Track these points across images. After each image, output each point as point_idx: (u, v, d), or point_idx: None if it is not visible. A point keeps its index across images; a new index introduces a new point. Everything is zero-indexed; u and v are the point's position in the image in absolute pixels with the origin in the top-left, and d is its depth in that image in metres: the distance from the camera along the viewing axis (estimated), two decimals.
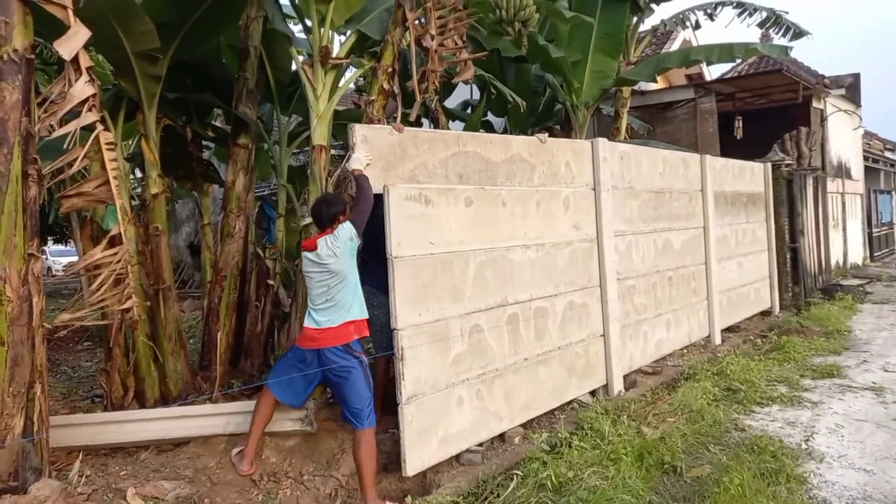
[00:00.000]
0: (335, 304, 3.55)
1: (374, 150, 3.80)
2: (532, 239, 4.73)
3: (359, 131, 3.76)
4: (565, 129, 8.84)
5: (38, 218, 3.61)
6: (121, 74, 5.00)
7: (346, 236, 3.54)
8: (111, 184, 3.81)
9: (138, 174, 8.12)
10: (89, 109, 3.76)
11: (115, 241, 3.91)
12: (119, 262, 3.69)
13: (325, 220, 3.64)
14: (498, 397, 4.28)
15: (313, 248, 3.58)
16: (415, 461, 3.61)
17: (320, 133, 5.23)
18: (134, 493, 3.31)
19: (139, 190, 7.22)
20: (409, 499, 3.39)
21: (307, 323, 3.62)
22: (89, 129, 3.84)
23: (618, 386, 5.42)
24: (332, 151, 5.90)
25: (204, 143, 6.79)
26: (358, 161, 3.73)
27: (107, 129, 3.98)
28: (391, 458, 3.86)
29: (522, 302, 4.59)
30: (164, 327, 4.78)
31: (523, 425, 4.48)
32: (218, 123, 7.44)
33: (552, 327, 4.85)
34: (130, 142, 8.16)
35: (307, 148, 5.94)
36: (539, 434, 4.24)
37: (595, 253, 5.41)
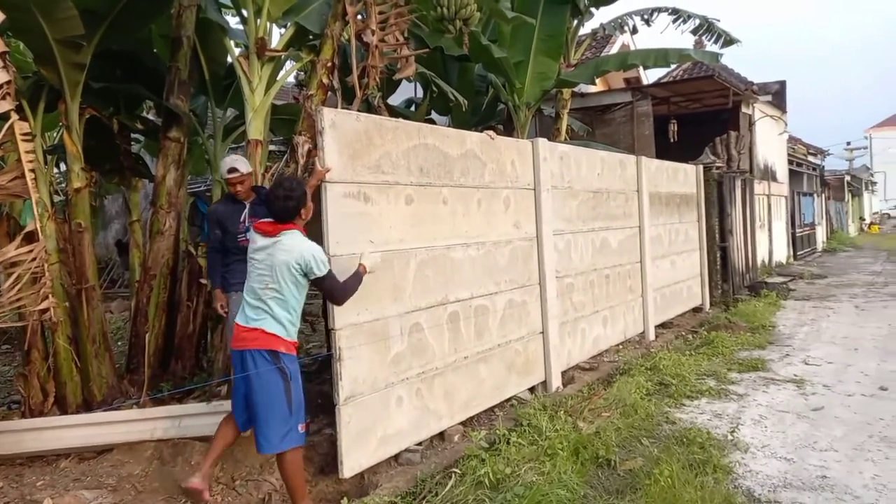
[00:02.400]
0: (269, 308, 3.18)
1: (341, 136, 3.70)
2: (473, 237, 4.74)
3: (327, 116, 3.63)
4: (507, 128, 8.94)
5: None
6: (41, 62, 4.72)
7: (314, 264, 3.15)
8: (27, 177, 3.59)
9: (64, 168, 7.70)
10: (3, 97, 3.52)
11: (31, 238, 3.69)
12: (35, 259, 3.47)
13: (286, 216, 3.22)
14: (438, 396, 4.28)
15: (274, 233, 3.19)
16: (352, 462, 3.56)
17: (256, 127, 5.11)
18: None
19: (63, 185, 6.85)
20: (345, 500, 3.33)
21: (238, 319, 3.27)
22: (4, 118, 3.61)
23: (556, 382, 5.51)
24: (271, 147, 5.76)
25: (134, 136, 6.51)
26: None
27: (24, 118, 3.74)
28: (328, 460, 3.80)
29: (463, 300, 4.60)
30: (87, 329, 4.54)
31: (463, 423, 4.49)
32: (150, 116, 7.13)
33: (492, 325, 4.88)
34: (55, 133, 7.74)
35: (244, 143, 5.78)
36: (478, 431, 4.26)
37: (535, 251, 5.48)
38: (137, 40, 5.68)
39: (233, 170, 4.33)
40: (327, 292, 3.29)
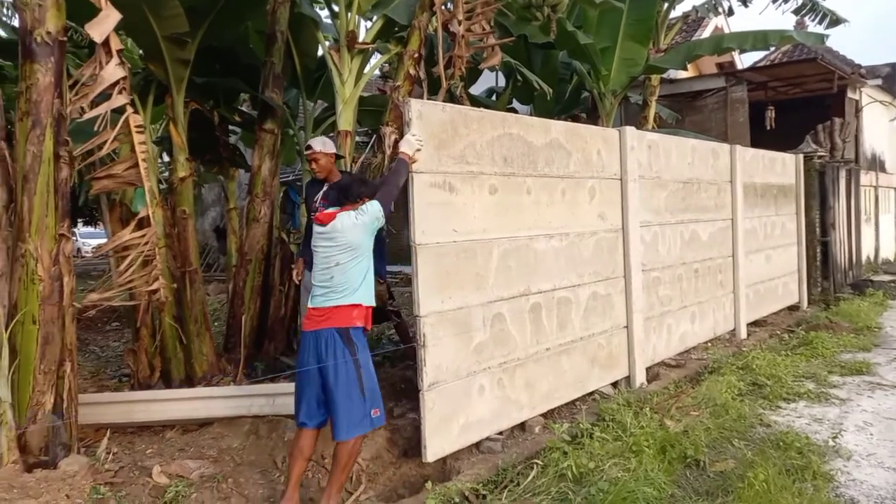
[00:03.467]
0: (342, 282, 3.23)
1: (427, 127, 3.75)
2: (556, 228, 4.68)
3: (414, 106, 3.69)
4: (592, 117, 8.74)
5: (69, 199, 3.68)
6: (150, 58, 5.04)
7: (373, 213, 3.31)
8: (140, 166, 3.86)
9: (166, 158, 8.22)
10: (119, 92, 3.80)
11: (143, 224, 3.97)
12: (147, 244, 3.74)
13: (352, 197, 3.38)
14: (519, 386, 4.27)
15: (327, 222, 3.31)
16: (435, 447, 3.62)
17: (346, 118, 5.25)
18: (160, 471, 3.38)
19: (167, 174, 7.31)
20: (429, 484, 3.40)
21: (310, 303, 3.33)
22: (119, 111, 3.89)
23: (640, 378, 5.36)
24: (357, 138, 5.91)
25: (231, 127, 6.85)
26: (409, 144, 3.54)
27: (136, 112, 4.02)
28: (411, 444, 3.88)
29: (545, 291, 4.55)
30: (189, 309, 4.85)
31: (544, 415, 4.46)
32: (245, 108, 7.48)
33: (575, 317, 4.81)
34: (159, 126, 8.26)
35: (332, 133, 5.95)
36: (560, 424, 4.22)
37: (620, 243, 5.34)
38: (235, 36, 5.97)
39: (308, 147, 4.53)
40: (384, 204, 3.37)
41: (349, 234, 3.25)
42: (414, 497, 3.37)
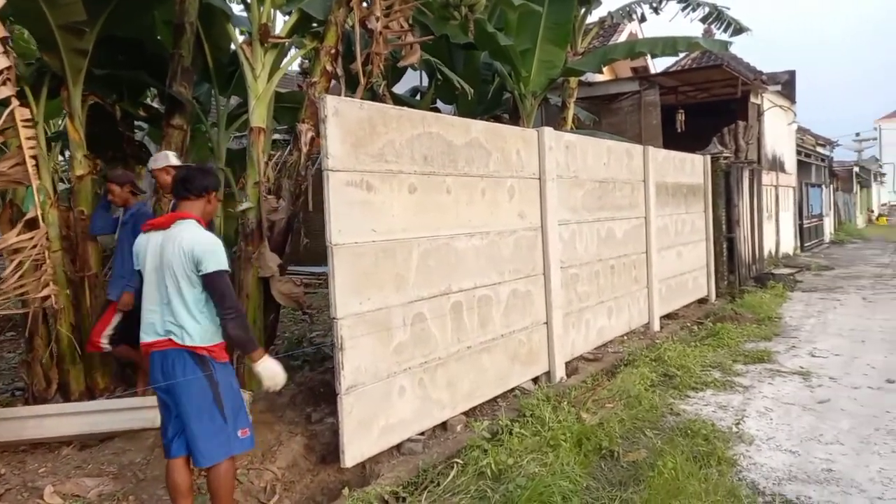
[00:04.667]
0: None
1: (344, 124, 3.65)
2: (477, 227, 4.70)
3: (330, 103, 3.57)
4: (513, 117, 8.87)
5: None
6: (44, 48, 4.70)
7: (211, 255, 2.82)
8: (27, 163, 3.57)
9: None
10: (3, 83, 3.50)
11: (33, 225, 3.67)
12: (36, 247, 3.46)
13: (197, 189, 3.01)
14: (441, 386, 4.26)
15: (165, 227, 2.91)
16: (354, 452, 3.55)
17: (259, 115, 5.07)
18: (52, 492, 3.13)
19: (67, 172, 6.84)
20: (345, 490, 3.33)
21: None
22: (4, 104, 3.58)
23: (560, 373, 5.49)
24: (275, 136, 5.72)
25: (137, 123, 6.48)
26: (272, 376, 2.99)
27: (25, 104, 3.72)
28: (329, 449, 3.79)
29: (466, 290, 4.57)
30: (89, 316, 4.54)
31: (466, 413, 4.47)
32: (154, 104, 7.10)
33: (496, 315, 4.85)
34: (61, 121, 7.71)
35: (247, 130, 5.74)
36: (481, 422, 4.25)
37: (539, 241, 5.44)
38: (141, 27, 5.64)
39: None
40: (217, 293, 2.83)
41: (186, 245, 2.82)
42: None
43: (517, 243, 5.15)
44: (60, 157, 8.73)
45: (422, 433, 4.08)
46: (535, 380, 5.33)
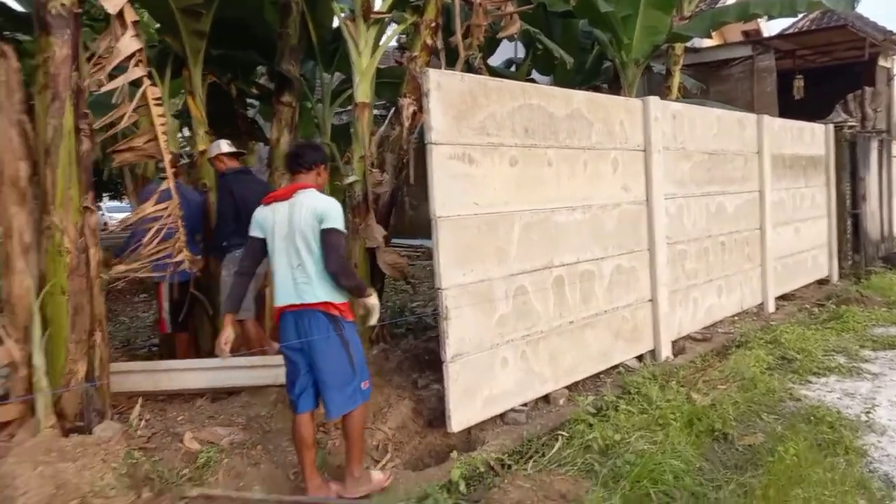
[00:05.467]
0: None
1: (446, 98, 3.66)
2: (579, 200, 4.58)
3: (432, 77, 3.59)
4: (614, 87, 8.53)
5: (92, 172, 3.67)
6: (166, 31, 5.00)
7: (332, 213, 3.02)
8: (159, 139, 3.84)
9: (187, 133, 8.21)
10: (136, 64, 3.78)
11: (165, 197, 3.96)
12: (170, 216, 3.73)
13: (307, 162, 3.19)
14: (543, 359, 4.22)
15: (287, 197, 3.09)
16: (459, 418, 3.60)
17: (363, 90, 5.17)
18: (191, 437, 3.43)
19: (188, 148, 7.31)
20: (454, 454, 3.39)
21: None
22: (136, 84, 3.86)
23: (665, 351, 5.29)
24: (375, 111, 5.83)
25: (249, 101, 6.79)
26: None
27: (154, 84, 3.98)
28: (436, 414, 3.88)
29: (568, 264, 4.48)
30: (215, 281, 4.85)
31: (568, 387, 4.42)
32: (262, 81, 7.42)
33: (599, 290, 4.73)
34: (177, 100, 8.24)
35: (350, 106, 5.88)
36: (584, 397, 4.18)
37: (644, 216, 5.23)
38: (249, 7, 5.87)
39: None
40: (329, 246, 3.00)
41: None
42: (440, 466, 3.37)
43: (621, 218, 4.98)
44: (179, 134, 9.35)
45: (524, 405, 4.08)
46: (640, 358, 5.17)
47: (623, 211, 5.01)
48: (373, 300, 3.20)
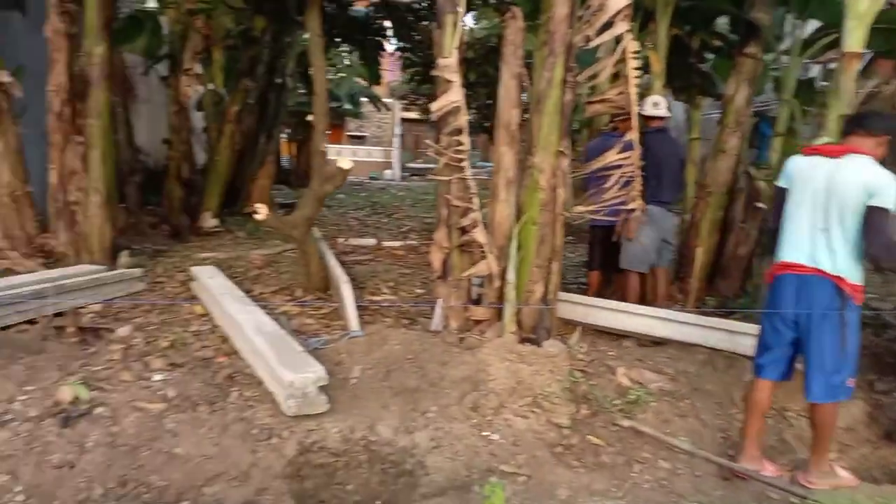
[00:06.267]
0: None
1: None
2: None
3: None
4: None
5: (570, 121, 4.10)
6: None
7: (887, 191, 2.68)
8: (631, 92, 4.03)
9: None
10: (622, 20, 3.98)
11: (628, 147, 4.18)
12: (631, 165, 3.94)
13: (867, 126, 2.85)
14: None
15: (836, 156, 2.82)
16: None
17: (856, 38, 4.40)
18: (623, 373, 3.67)
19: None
20: None
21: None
22: (617, 39, 4.10)
23: None
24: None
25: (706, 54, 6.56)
26: None
27: (633, 38, 4.16)
28: None
29: None
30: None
31: None
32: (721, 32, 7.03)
33: None
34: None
35: (821, 57, 5.15)
36: None
37: None
38: None
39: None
40: (873, 227, 2.68)
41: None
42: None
43: None
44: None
45: None
46: None
47: None
48: None
